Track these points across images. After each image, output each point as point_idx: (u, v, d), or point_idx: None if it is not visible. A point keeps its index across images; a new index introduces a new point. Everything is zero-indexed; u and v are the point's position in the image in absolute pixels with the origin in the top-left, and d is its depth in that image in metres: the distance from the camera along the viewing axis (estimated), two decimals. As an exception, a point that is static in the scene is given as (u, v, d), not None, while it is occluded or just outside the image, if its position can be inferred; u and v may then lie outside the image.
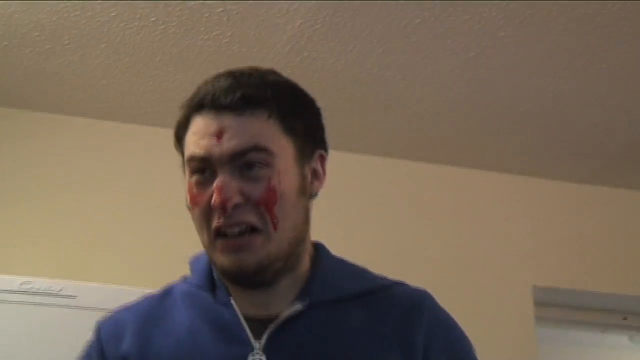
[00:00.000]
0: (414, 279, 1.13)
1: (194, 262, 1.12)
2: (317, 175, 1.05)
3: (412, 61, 2.32)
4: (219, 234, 0.97)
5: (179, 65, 2.38)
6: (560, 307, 3.03)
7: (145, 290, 1.90)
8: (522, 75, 2.39)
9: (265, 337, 1.00)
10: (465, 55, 2.27)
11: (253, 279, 0.99)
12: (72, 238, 2.47)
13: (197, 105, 1.01)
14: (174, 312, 1.06)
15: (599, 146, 2.82)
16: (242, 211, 0.95)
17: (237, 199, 0.95)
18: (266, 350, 0.98)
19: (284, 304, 1.02)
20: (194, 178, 0.99)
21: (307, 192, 1.03)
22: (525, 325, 2.75)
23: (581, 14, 2.08)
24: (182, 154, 1.05)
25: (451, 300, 1.15)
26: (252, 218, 0.95)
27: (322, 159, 1.06)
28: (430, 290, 1.11)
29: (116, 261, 2.42)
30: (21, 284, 2.15)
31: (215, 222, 0.96)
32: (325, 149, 1.07)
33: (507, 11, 2.07)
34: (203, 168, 0.98)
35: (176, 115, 1.70)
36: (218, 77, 1.04)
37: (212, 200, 0.95)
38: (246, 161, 0.96)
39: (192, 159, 0.99)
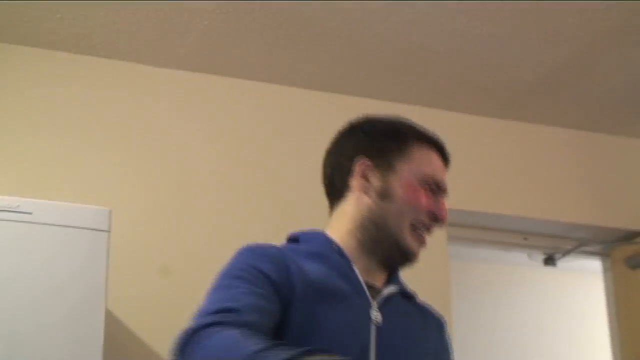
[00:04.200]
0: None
1: (307, 235, 1.32)
2: None
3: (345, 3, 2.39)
4: (418, 227, 1.28)
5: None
6: (469, 228, 3.15)
7: (96, 206, 1.98)
8: (437, 19, 2.46)
9: (380, 300, 1.25)
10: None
11: (412, 262, 1.32)
12: (28, 158, 2.46)
13: (439, 149, 1.35)
14: (301, 261, 1.21)
15: (506, 82, 2.88)
16: None
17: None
18: (380, 310, 1.23)
19: (380, 281, 1.30)
20: (426, 187, 1.29)
21: None
22: (438, 243, 2.79)
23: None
24: (399, 148, 1.32)
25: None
26: None
27: None
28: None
29: (70, 180, 2.46)
30: (-20, 201, 1.96)
31: (427, 221, 1.28)
32: None
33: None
34: (434, 188, 1.30)
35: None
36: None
37: (440, 212, 1.29)
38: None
39: (435, 181, 1.31)
